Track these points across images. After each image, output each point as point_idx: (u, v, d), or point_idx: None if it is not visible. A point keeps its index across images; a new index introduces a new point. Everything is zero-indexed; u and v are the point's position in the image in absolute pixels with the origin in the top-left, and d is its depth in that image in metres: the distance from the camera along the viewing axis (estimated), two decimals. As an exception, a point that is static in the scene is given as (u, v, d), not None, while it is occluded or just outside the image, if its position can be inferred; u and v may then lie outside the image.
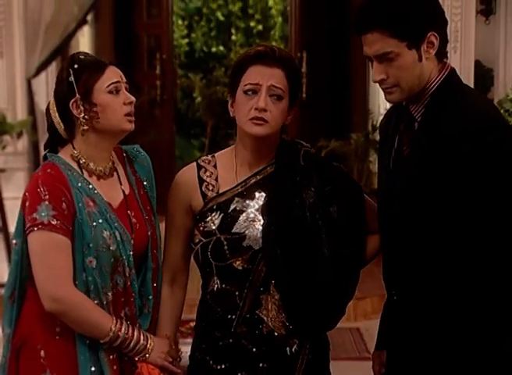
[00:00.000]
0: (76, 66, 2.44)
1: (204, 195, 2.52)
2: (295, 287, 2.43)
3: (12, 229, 2.56)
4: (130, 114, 2.48)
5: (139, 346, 2.42)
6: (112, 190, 2.51)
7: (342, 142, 8.03)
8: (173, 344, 2.53)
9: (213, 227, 2.47)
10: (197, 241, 2.50)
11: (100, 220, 2.41)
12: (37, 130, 6.88)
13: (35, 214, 2.35)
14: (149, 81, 9.79)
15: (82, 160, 2.47)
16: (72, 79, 2.42)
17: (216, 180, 2.53)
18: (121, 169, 2.57)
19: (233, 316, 2.46)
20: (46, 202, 2.34)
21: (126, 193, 2.54)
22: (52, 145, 2.53)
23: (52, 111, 2.49)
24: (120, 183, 2.54)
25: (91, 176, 2.48)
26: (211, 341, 2.51)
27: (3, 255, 6.31)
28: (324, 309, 2.47)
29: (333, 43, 9.64)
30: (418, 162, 2.29)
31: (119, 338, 2.39)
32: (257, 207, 2.48)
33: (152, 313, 2.54)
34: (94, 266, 2.38)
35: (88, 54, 2.55)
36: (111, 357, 2.42)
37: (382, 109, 8.68)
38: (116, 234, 2.43)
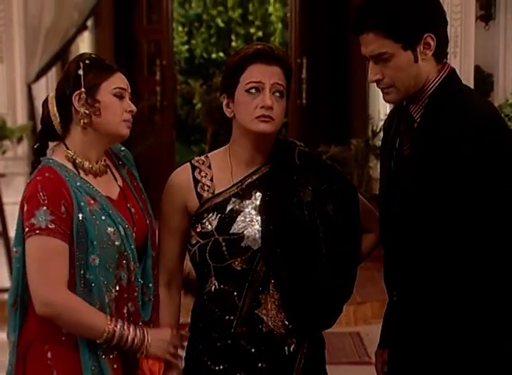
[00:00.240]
0: (88, 62, 2.47)
1: (200, 196, 2.51)
2: (295, 286, 2.43)
3: (12, 234, 2.56)
4: (130, 121, 2.49)
5: (136, 342, 2.40)
6: (109, 186, 2.52)
7: (342, 147, 8.02)
8: (176, 331, 2.50)
9: (210, 228, 2.46)
10: (195, 243, 2.49)
11: (103, 217, 2.41)
12: (37, 135, 6.87)
13: (33, 219, 2.34)
14: (149, 87, 9.80)
15: (78, 160, 2.47)
16: (81, 72, 2.44)
17: (211, 181, 2.53)
18: (110, 164, 2.57)
19: (232, 317, 2.46)
20: (44, 207, 2.34)
21: (121, 186, 2.54)
22: (43, 138, 2.53)
23: (51, 103, 2.50)
24: (115, 178, 2.55)
25: (87, 174, 2.48)
26: (208, 342, 2.50)
27: (3, 260, 6.30)
28: (323, 307, 2.47)
29: (333, 49, 9.66)
30: (418, 163, 2.30)
31: (115, 337, 2.37)
32: (254, 207, 2.48)
33: (153, 300, 2.53)
34: (97, 264, 2.38)
35: (98, 56, 2.58)
36: (111, 356, 2.42)
37: (382, 115, 8.69)
38: (120, 229, 2.43)
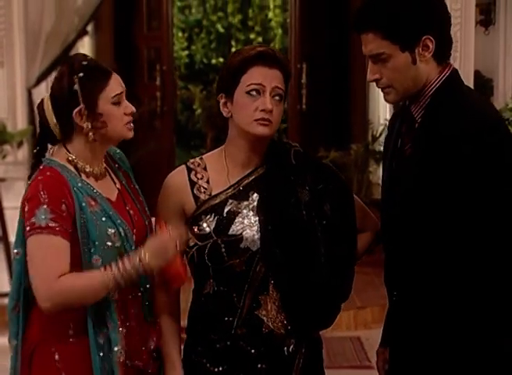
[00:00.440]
0: (82, 75, 2.40)
1: (197, 198, 2.50)
2: (295, 287, 2.43)
3: (12, 238, 2.55)
4: (130, 122, 2.49)
5: (136, 264, 2.35)
6: (109, 188, 2.52)
7: (342, 152, 8.03)
8: (172, 228, 2.44)
9: (209, 230, 2.46)
10: (193, 245, 2.48)
11: (103, 218, 2.42)
12: (37, 140, 6.87)
13: (33, 218, 2.34)
14: (149, 92, 9.80)
15: (79, 164, 2.47)
16: (77, 87, 2.39)
17: (208, 183, 2.52)
18: (108, 166, 2.57)
19: (231, 318, 2.45)
20: (44, 206, 2.34)
21: (119, 188, 2.55)
22: (43, 141, 2.52)
23: (48, 112, 2.46)
24: (113, 181, 2.55)
25: (88, 177, 2.48)
26: (207, 344, 2.49)
27: (3, 265, 6.29)
28: (322, 307, 2.47)
29: (333, 54, 9.67)
30: (419, 163, 2.30)
31: (119, 278, 2.34)
32: (251, 208, 2.48)
33: (151, 302, 2.53)
34: (100, 264, 2.38)
35: (88, 57, 2.50)
36: (121, 359, 2.41)
37: (382, 120, 8.70)
38: (120, 231, 2.43)
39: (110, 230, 2.41)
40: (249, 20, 13.89)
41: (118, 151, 2.65)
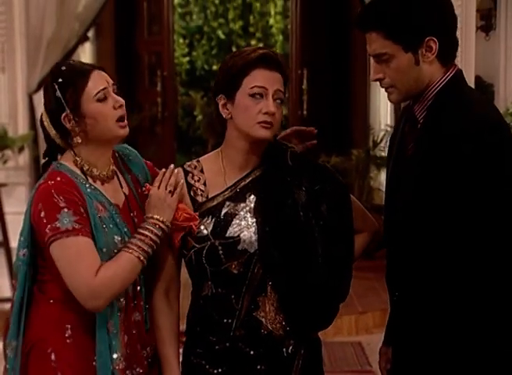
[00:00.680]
0: (60, 80, 2.41)
1: (194, 201, 2.51)
2: (293, 287, 2.43)
3: (13, 244, 2.55)
4: (122, 118, 2.46)
5: (151, 229, 2.40)
6: (116, 192, 2.51)
7: (343, 158, 8.02)
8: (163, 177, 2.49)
9: (206, 232, 2.45)
10: (190, 247, 2.47)
11: (111, 225, 2.42)
12: (39, 145, 6.85)
13: (57, 223, 2.33)
14: (150, 98, 9.83)
15: (85, 167, 2.46)
16: (58, 94, 2.40)
17: (205, 185, 2.52)
18: (116, 169, 2.56)
19: (230, 320, 2.45)
20: (65, 209, 2.34)
21: (127, 194, 2.54)
22: (51, 154, 2.53)
23: (46, 124, 2.48)
24: (120, 185, 2.54)
25: (95, 181, 2.47)
26: (206, 346, 2.49)
27: (3, 271, 6.28)
28: (321, 307, 2.47)
29: (334, 60, 9.69)
30: (420, 162, 2.30)
31: (146, 247, 2.39)
32: (249, 210, 2.48)
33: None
34: None
35: (71, 62, 2.51)
36: (120, 367, 2.42)
37: (383, 125, 8.70)
38: (126, 239, 2.43)
39: (116, 238, 2.42)
40: (250, 27, 13.94)
41: (129, 149, 2.64)
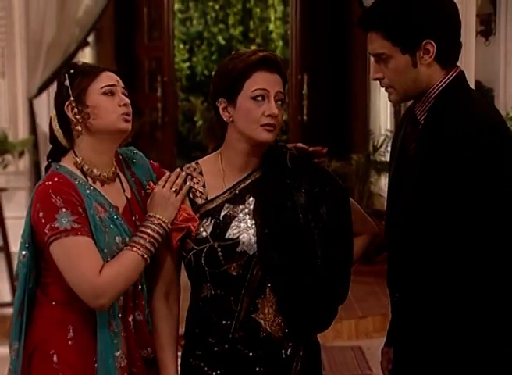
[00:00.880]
0: (72, 71, 2.48)
1: (193, 203, 2.51)
2: (292, 290, 2.43)
3: (14, 249, 2.56)
4: (128, 114, 2.48)
5: (157, 229, 2.42)
6: (117, 195, 2.52)
7: (343, 163, 8.03)
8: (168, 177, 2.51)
9: (205, 234, 2.46)
10: (189, 249, 2.48)
11: (111, 226, 2.42)
12: (39, 150, 6.87)
13: (55, 223, 2.34)
14: (150, 103, 9.84)
15: (85, 167, 2.47)
16: (67, 83, 2.46)
17: (204, 187, 2.52)
18: (119, 172, 2.57)
19: (229, 322, 2.45)
20: (63, 209, 2.34)
21: (129, 197, 2.54)
22: (55, 156, 2.53)
23: (53, 120, 2.51)
24: (123, 188, 2.54)
25: (95, 182, 2.48)
26: (205, 348, 2.49)
27: (4, 276, 6.27)
28: (320, 310, 2.47)
29: (334, 65, 9.70)
30: (421, 163, 2.31)
31: (149, 245, 2.40)
32: (248, 212, 2.48)
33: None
34: None
35: (87, 63, 2.59)
36: (122, 365, 2.42)
37: (383, 130, 8.71)
38: (127, 240, 2.43)
39: (117, 238, 2.42)
40: (250, 32, 13.95)
41: (139, 154, 2.65)
